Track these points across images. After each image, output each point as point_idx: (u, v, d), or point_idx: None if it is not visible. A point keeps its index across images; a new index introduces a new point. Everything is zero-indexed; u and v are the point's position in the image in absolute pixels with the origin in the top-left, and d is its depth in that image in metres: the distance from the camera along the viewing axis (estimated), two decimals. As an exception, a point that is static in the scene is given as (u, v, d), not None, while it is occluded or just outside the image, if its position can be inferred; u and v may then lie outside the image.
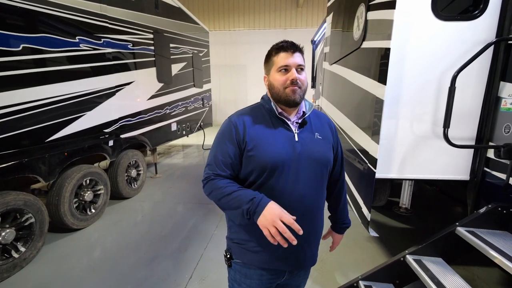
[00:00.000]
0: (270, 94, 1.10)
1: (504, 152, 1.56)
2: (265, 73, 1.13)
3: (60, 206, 2.86)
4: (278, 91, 1.05)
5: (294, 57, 1.03)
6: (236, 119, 1.08)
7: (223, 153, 1.05)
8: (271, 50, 1.08)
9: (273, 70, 1.06)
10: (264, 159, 1.01)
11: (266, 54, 1.11)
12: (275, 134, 1.05)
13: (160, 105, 4.85)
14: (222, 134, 1.08)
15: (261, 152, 1.01)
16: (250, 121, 1.07)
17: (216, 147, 1.09)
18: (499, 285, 2.19)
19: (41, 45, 2.58)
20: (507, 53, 1.65)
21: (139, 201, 4.05)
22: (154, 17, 4.58)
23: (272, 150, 1.02)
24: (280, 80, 1.04)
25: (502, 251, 1.35)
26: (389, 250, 2.69)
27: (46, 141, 2.67)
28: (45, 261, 2.56)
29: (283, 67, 1.03)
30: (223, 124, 1.11)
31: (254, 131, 1.04)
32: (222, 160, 1.05)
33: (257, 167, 1.02)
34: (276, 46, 1.06)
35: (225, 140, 1.06)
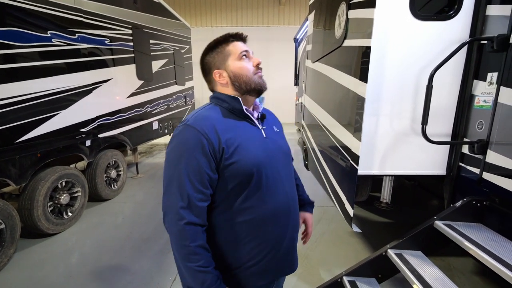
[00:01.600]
0: (234, 87, 0.96)
1: (478, 148, 1.63)
2: (214, 68, 0.97)
3: (33, 210, 2.70)
4: (249, 79, 0.94)
5: (247, 45, 0.99)
6: (201, 124, 0.86)
7: (198, 172, 0.84)
8: (219, 42, 0.97)
9: (232, 59, 0.95)
10: (249, 164, 0.88)
11: (208, 48, 0.98)
12: (247, 133, 0.93)
13: (140, 103, 4.71)
14: (188, 149, 0.85)
15: (243, 157, 0.88)
16: (219, 124, 0.89)
17: (183, 168, 0.84)
18: (473, 273, 2.31)
19: (9, 40, 2.41)
20: (479, 52, 1.71)
21: (119, 202, 3.92)
22: (132, 11, 4.43)
23: (252, 151, 0.90)
24: (247, 66, 0.95)
25: (477, 243, 1.41)
26: (371, 244, 2.77)
27: (16, 142, 2.51)
28: (17, 269, 2.41)
29: (244, 53, 0.95)
30: (182, 134, 0.87)
31: (227, 135, 0.88)
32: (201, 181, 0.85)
33: (241, 175, 0.88)
34: (225, 36, 0.97)
35: (194, 154, 0.84)
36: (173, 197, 0.85)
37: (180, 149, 0.87)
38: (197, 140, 0.84)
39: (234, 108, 0.95)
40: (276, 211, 0.94)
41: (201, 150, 0.84)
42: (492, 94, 1.59)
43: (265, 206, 0.92)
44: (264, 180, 0.91)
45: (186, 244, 0.84)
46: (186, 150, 0.85)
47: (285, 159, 1.03)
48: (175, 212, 0.84)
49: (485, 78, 1.66)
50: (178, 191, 0.85)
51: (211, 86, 1.02)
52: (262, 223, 0.93)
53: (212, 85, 1.02)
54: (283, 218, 0.97)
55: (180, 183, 0.84)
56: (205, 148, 0.84)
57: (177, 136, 0.88)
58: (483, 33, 1.69)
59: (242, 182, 0.88)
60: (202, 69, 1.02)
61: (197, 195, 0.85)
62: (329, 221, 3.26)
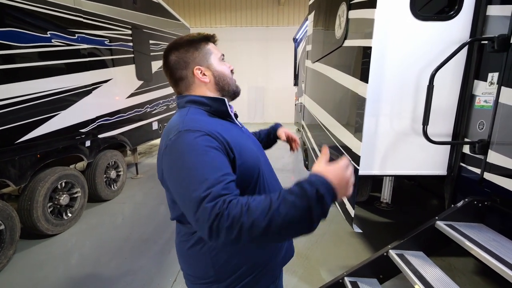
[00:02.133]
0: (217, 87, 0.90)
1: (479, 148, 1.63)
2: (194, 64, 0.87)
3: (33, 211, 2.69)
4: (230, 81, 0.92)
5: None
6: (202, 126, 0.75)
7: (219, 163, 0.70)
8: (199, 39, 0.89)
9: (214, 58, 0.90)
10: (252, 163, 0.83)
11: (189, 43, 0.89)
12: (238, 133, 0.87)
13: (140, 104, 4.70)
14: (198, 150, 0.70)
15: (247, 157, 0.81)
16: (216, 126, 0.79)
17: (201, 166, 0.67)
18: (473, 274, 2.31)
19: (8, 40, 2.40)
20: (480, 52, 1.71)
21: (119, 203, 3.91)
22: (132, 12, 4.42)
23: (251, 151, 0.86)
24: (227, 69, 0.92)
25: (478, 243, 1.41)
26: (371, 244, 2.76)
27: (15, 142, 2.50)
28: (17, 270, 2.40)
29: (222, 56, 0.93)
30: (181, 140, 0.72)
31: (227, 135, 0.79)
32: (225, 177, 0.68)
33: (250, 174, 0.81)
34: (204, 35, 0.90)
35: (209, 153, 0.70)
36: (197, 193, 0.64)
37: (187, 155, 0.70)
38: (206, 140, 0.72)
39: (218, 110, 0.87)
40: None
41: (215, 149, 0.72)
42: (493, 94, 1.59)
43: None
44: (264, 178, 0.88)
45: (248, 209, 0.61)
46: (196, 152, 0.70)
47: (265, 155, 0.99)
48: (212, 198, 0.62)
49: (486, 78, 1.66)
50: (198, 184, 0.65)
51: (183, 85, 0.90)
52: None
53: (185, 84, 0.89)
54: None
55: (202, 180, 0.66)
56: (219, 148, 0.73)
57: (177, 145, 0.72)
58: (483, 33, 1.69)
59: (251, 182, 0.82)
60: (172, 64, 0.88)
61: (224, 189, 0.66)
62: (329, 222, 3.26)
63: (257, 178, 0.84)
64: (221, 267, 0.84)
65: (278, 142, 1.38)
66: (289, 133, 1.31)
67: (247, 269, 0.86)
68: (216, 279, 0.85)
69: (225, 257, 0.84)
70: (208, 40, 0.92)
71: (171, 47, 0.89)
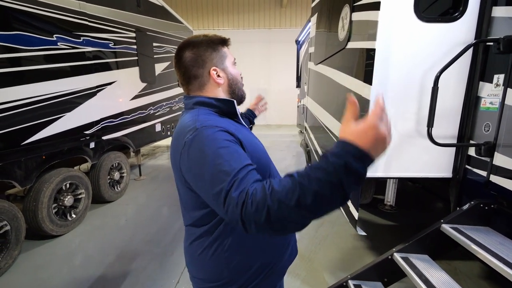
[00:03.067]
0: (229, 91, 0.91)
1: (485, 150, 1.61)
2: (212, 65, 0.87)
3: (37, 212, 2.71)
4: (241, 86, 0.95)
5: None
6: (217, 123, 0.77)
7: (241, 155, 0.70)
8: (217, 41, 0.90)
9: (228, 62, 0.91)
10: (264, 162, 0.85)
11: (208, 43, 0.88)
12: (248, 135, 0.88)
13: (143, 106, 4.73)
14: (219, 142, 0.70)
15: (259, 156, 0.83)
16: (229, 125, 0.80)
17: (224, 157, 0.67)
18: (480, 278, 2.28)
19: (15, 43, 2.44)
20: (485, 54, 1.70)
21: (122, 204, 3.92)
22: (136, 15, 4.46)
23: (262, 151, 0.89)
24: (238, 74, 0.95)
25: (485, 247, 1.39)
26: (374, 247, 2.74)
27: (21, 144, 2.52)
28: (21, 271, 2.42)
29: (235, 61, 0.95)
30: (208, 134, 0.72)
31: (239, 134, 0.80)
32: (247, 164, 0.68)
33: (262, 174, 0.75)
34: (221, 38, 0.91)
35: (229, 145, 0.71)
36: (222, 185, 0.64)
37: (208, 148, 0.69)
38: (225, 135, 0.73)
39: (228, 112, 0.88)
40: None
41: (234, 142, 0.72)
42: (498, 96, 1.58)
43: None
44: (273, 176, 0.89)
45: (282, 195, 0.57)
46: (217, 144, 0.69)
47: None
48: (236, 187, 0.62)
49: (492, 80, 1.64)
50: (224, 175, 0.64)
51: (196, 84, 0.89)
52: None
53: (199, 83, 0.88)
54: None
55: (233, 167, 0.65)
56: (237, 143, 0.74)
57: (195, 143, 0.72)
58: (488, 34, 1.68)
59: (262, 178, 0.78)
60: (188, 61, 0.87)
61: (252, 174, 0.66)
62: (332, 224, 3.25)
63: (268, 177, 0.84)
64: (235, 267, 0.85)
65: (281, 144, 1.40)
66: (255, 102, 1.51)
67: (257, 268, 0.87)
68: (229, 281, 0.86)
69: (238, 257, 0.84)
70: (225, 44, 0.93)
71: (188, 44, 0.88)
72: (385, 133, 0.59)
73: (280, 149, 7.43)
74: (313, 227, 3.15)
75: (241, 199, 0.59)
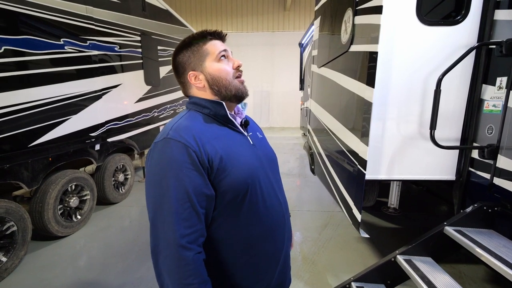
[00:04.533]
0: (213, 92, 0.85)
1: (488, 153, 1.62)
2: (189, 69, 0.85)
3: (44, 213, 2.75)
4: (228, 83, 0.83)
5: (226, 44, 0.88)
6: (185, 136, 0.74)
7: (193, 192, 0.72)
8: (195, 39, 0.85)
9: (209, 60, 0.83)
10: (243, 174, 0.78)
11: (183, 46, 0.86)
12: (235, 141, 0.83)
13: (148, 108, 4.77)
14: (175, 166, 0.71)
15: (235, 169, 0.77)
16: (203, 133, 0.77)
17: (172, 190, 0.71)
18: (484, 282, 2.26)
19: (24, 47, 2.49)
20: (488, 57, 1.71)
21: (126, 206, 3.95)
22: (141, 19, 4.52)
23: (244, 160, 0.81)
24: (226, 69, 0.84)
25: (488, 249, 1.39)
26: (378, 250, 2.73)
27: (29, 146, 2.57)
28: (27, 271, 2.45)
29: (223, 53, 0.84)
30: (163, 150, 0.73)
31: (214, 145, 0.77)
32: (198, 202, 0.73)
33: (236, 187, 0.77)
34: (203, 33, 0.85)
35: (184, 172, 0.71)
36: (168, 227, 0.70)
37: (164, 168, 0.72)
38: (184, 155, 0.72)
39: (217, 114, 0.84)
40: (273, 224, 0.86)
41: (191, 165, 0.72)
42: (501, 99, 1.58)
43: (263, 219, 0.84)
44: (259, 191, 0.82)
45: (189, 282, 0.70)
46: (172, 168, 0.71)
47: (274, 166, 0.95)
48: (176, 244, 0.69)
49: (494, 82, 1.65)
50: (172, 218, 0.70)
51: (185, 89, 0.90)
52: (262, 239, 0.84)
53: (186, 88, 0.89)
54: (280, 230, 0.89)
55: (174, 210, 0.70)
56: (196, 162, 0.72)
57: (158, 153, 0.74)
58: (491, 37, 1.69)
59: (238, 195, 0.78)
60: (174, 69, 0.89)
61: (194, 220, 0.72)
62: (336, 226, 3.24)
63: (246, 191, 0.79)
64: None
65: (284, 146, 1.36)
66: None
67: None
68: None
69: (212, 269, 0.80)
70: (206, 39, 0.85)
71: (174, 52, 0.88)
72: None
73: (284, 151, 7.44)
74: (317, 230, 3.15)
75: (155, 249, 0.73)
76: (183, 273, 0.70)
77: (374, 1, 1.82)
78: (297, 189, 4.63)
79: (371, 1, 1.86)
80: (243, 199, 0.79)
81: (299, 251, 2.71)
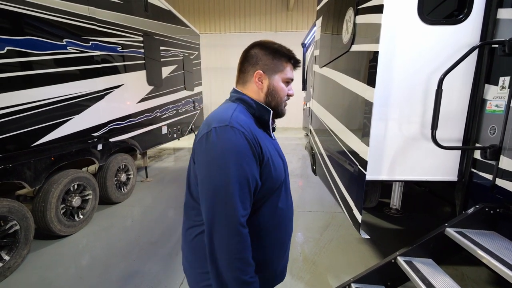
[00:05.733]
0: (266, 100, 0.96)
1: (490, 153, 1.60)
2: (259, 67, 0.93)
3: (46, 212, 2.77)
4: (280, 101, 0.97)
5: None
6: (244, 127, 0.83)
7: (251, 177, 0.81)
8: (283, 54, 0.95)
9: (279, 76, 0.95)
10: (278, 172, 0.92)
11: (272, 49, 0.94)
12: (271, 143, 0.95)
13: (150, 108, 4.80)
14: (239, 152, 0.80)
15: (274, 165, 0.90)
16: (255, 130, 0.88)
17: (235, 173, 0.78)
18: (488, 284, 2.23)
19: (27, 48, 2.51)
20: (490, 56, 1.69)
21: (129, 206, 3.97)
22: (143, 19, 4.54)
23: (278, 162, 0.94)
24: (284, 90, 0.97)
25: (490, 251, 1.37)
26: (380, 251, 2.71)
27: (32, 145, 2.59)
28: (30, 270, 2.47)
29: (289, 80, 0.98)
30: (227, 136, 0.80)
31: (262, 141, 0.87)
32: (252, 187, 0.82)
33: (272, 182, 0.89)
34: (291, 55, 0.96)
35: (246, 159, 0.80)
36: (229, 206, 0.78)
37: (228, 153, 0.79)
38: (247, 145, 0.81)
39: (261, 117, 0.95)
40: (289, 217, 1.01)
41: (252, 155, 0.82)
42: (504, 99, 1.56)
43: (285, 212, 0.98)
44: (284, 187, 0.97)
45: (242, 256, 0.79)
46: (237, 155, 0.79)
47: (287, 170, 1.06)
48: (236, 222, 0.78)
49: (497, 82, 1.62)
50: (233, 199, 0.78)
51: (242, 78, 0.98)
52: (283, 228, 0.98)
53: (244, 78, 0.97)
54: (291, 224, 1.04)
55: (236, 192, 0.78)
56: (255, 153, 0.83)
57: (221, 139, 0.80)
58: (494, 36, 1.67)
59: (273, 188, 0.91)
60: (246, 55, 0.97)
61: (247, 203, 0.82)
62: (337, 227, 3.22)
63: (278, 187, 0.92)
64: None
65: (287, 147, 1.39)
66: None
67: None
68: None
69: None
70: (290, 60, 0.96)
71: (259, 44, 0.97)
72: None
73: (286, 152, 7.42)
74: (318, 231, 3.14)
75: (211, 228, 0.80)
76: (240, 247, 0.79)
77: (375, 0, 1.81)
78: (299, 190, 4.62)
79: (372, 0, 1.85)
80: (275, 192, 0.92)
81: (300, 252, 2.70)
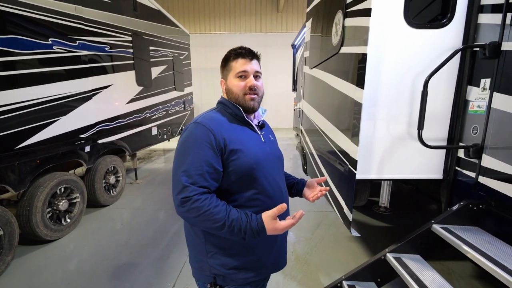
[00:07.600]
0: (228, 98, 1.10)
1: (473, 152, 1.66)
2: (222, 77, 1.13)
3: (31, 216, 2.69)
4: (237, 96, 1.06)
5: (252, 64, 1.06)
6: (209, 123, 0.99)
7: (204, 162, 0.94)
8: (229, 55, 1.08)
9: (231, 75, 1.07)
10: (248, 161, 1.00)
11: (223, 58, 1.11)
12: (248, 136, 1.06)
13: (139, 109, 4.73)
14: (197, 141, 0.96)
15: (244, 154, 1.00)
16: (224, 124, 1.02)
17: (192, 156, 0.95)
18: (472, 278, 2.32)
19: (10, 47, 2.44)
20: (472, 59, 1.76)
21: (118, 208, 3.91)
22: (132, 19, 4.48)
23: (252, 151, 1.02)
24: (238, 86, 1.05)
25: (474, 246, 1.43)
26: (370, 249, 2.77)
27: (15, 148, 2.51)
28: (15, 276, 2.39)
29: (241, 73, 1.05)
30: (192, 129, 0.99)
31: (231, 134, 1.00)
32: (207, 171, 0.94)
33: (239, 171, 0.99)
34: (235, 52, 1.07)
35: (203, 147, 0.95)
36: (179, 179, 0.94)
37: (189, 141, 0.98)
38: (205, 135, 0.96)
39: (236, 115, 1.08)
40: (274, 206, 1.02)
41: (209, 144, 0.96)
42: (485, 100, 1.63)
43: (267, 201, 1.04)
44: (264, 179, 1.03)
45: (206, 211, 0.91)
46: (195, 142, 0.96)
47: (280, 164, 1.18)
48: (184, 190, 0.92)
49: (479, 84, 1.69)
50: (185, 173, 0.93)
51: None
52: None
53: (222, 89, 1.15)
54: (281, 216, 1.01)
55: (187, 168, 0.94)
56: (212, 143, 0.96)
57: (187, 131, 1.00)
58: (475, 40, 1.74)
59: (242, 177, 1.00)
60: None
61: (201, 179, 0.94)
62: (328, 226, 3.27)
63: (253, 176, 1.01)
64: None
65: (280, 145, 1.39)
66: (317, 184, 1.25)
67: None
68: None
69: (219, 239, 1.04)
70: (236, 58, 1.06)
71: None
72: (280, 231, 0.95)
73: (276, 152, 7.44)
74: (310, 230, 3.18)
75: (187, 197, 0.92)
76: (203, 211, 0.91)
77: (363, 4, 1.85)
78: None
79: (360, 4, 1.89)
80: (248, 181, 1.01)
81: (292, 251, 2.73)
